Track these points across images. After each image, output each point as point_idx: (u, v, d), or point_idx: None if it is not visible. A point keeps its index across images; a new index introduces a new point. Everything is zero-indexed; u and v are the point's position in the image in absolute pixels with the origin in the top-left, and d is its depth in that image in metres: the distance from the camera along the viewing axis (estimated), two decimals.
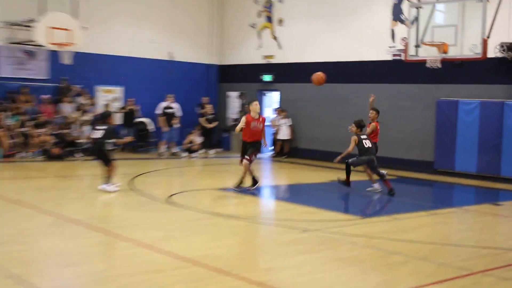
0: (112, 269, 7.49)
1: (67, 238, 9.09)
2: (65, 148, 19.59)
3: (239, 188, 13.65)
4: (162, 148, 22.12)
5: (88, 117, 20.79)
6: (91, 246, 8.66)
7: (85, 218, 10.25)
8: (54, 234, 9.29)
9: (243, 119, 13.72)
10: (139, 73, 23.45)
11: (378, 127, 14.97)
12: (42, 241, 8.96)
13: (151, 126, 22.07)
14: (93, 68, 22.15)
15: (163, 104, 22.51)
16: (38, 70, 21.48)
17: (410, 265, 7.97)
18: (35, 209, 11.03)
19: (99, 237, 9.13)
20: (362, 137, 14.28)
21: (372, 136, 14.69)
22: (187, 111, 22.89)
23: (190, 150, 22.19)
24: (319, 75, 14.75)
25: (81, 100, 21.54)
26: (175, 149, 22.25)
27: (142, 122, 22.20)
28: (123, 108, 22.52)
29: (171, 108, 22.40)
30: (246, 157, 13.59)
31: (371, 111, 15.01)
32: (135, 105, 22.29)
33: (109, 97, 22.91)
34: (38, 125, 19.61)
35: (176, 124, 22.34)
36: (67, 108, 20.93)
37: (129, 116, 22.22)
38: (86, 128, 20.32)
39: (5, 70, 20.72)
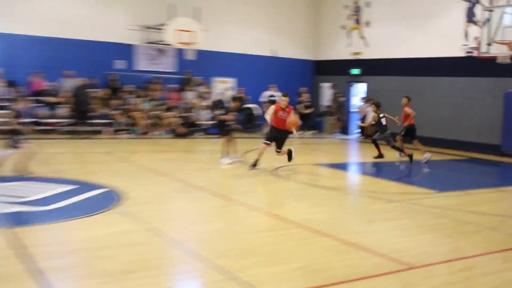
0: (230, 227, 7.73)
1: (193, 201, 9.41)
2: (188, 128, 20.16)
3: (254, 167, 12.41)
4: (266, 129, 22.32)
5: (206, 103, 21.27)
6: (213, 208, 8.94)
7: (207, 185, 10.55)
8: (183, 197, 9.63)
9: (272, 107, 12.80)
10: (248, 67, 23.69)
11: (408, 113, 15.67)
12: (174, 202, 9.29)
13: (257, 111, 22.29)
14: (211, 63, 22.54)
15: (267, 93, 22.75)
16: (167, 65, 22.08)
17: (481, 234, 7.85)
18: (167, 176, 11.40)
19: (219, 201, 9.39)
20: (380, 115, 15.15)
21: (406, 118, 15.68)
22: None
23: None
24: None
25: (201, 89, 22.01)
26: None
27: (249, 108, 22.47)
28: (235, 96, 22.84)
29: (273, 96, 22.57)
30: (278, 150, 12.63)
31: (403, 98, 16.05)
32: (245, 94, 22.59)
33: (224, 86, 23.31)
34: (167, 109, 20.25)
35: None
36: (189, 96, 21.45)
37: (239, 102, 22.53)
38: (205, 112, 20.83)
39: (141, 65, 21.44)
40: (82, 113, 18.51)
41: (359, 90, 24.29)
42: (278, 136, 12.56)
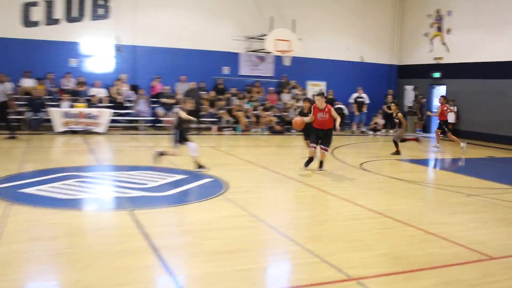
0: (320, 215, 7.63)
1: (287, 190, 9.39)
2: (284, 126, 20.15)
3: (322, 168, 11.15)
4: (354, 127, 22.00)
5: (300, 103, 21.17)
6: (305, 197, 8.86)
7: (299, 177, 10.48)
8: (278, 187, 9.58)
9: (312, 110, 11.15)
10: (337, 71, 23.35)
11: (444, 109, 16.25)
12: (271, 192, 9.24)
13: (346, 111, 21.94)
14: (305, 68, 22.41)
15: (355, 95, 22.33)
16: (266, 70, 22.20)
17: None
18: (264, 168, 11.42)
19: (310, 191, 9.24)
20: (399, 114, 14.70)
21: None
22: (373, 100, 22.45)
23: (375, 129, 21.86)
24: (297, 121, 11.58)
25: (296, 91, 21.98)
26: (363, 128, 22.05)
27: (339, 108, 22.14)
28: (325, 97, 22.59)
29: (361, 97, 22.18)
30: (323, 146, 11.03)
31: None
32: (334, 95, 22.32)
33: (316, 89, 23.11)
34: (265, 109, 20.34)
35: (365, 109, 22.11)
36: (285, 97, 21.46)
37: (330, 102, 22.25)
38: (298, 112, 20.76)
39: (244, 70, 21.70)
40: (194, 112, 18.93)
41: (439, 92, 23.36)
42: (321, 136, 11.04)
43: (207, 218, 6.97)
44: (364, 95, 22.23)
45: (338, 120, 10.92)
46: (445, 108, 16.54)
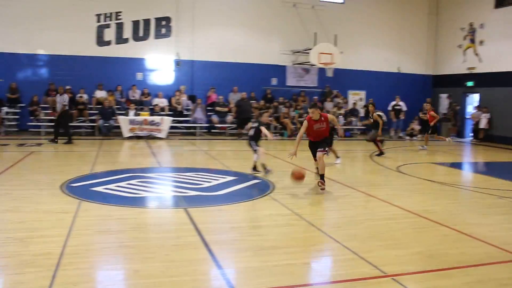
0: (358, 215, 7.42)
1: (329, 191, 9.17)
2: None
3: (323, 185, 8.77)
4: (392, 133, 21.48)
5: (342, 111, 20.88)
6: (344, 198, 8.61)
7: (340, 179, 10.20)
8: (318, 188, 9.39)
9: (304, 123, 8.94)
10: (376, 81, 22.91)
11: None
12: (313, 192, 8.89)
13: (384, 118, 21.48)
14: (346, 78, 22.13)
15: (393, 103, 21.81)
16: (311, 81, 22.03)
17: None
18: (308, 171, 11.17)
19: (350, 192, 9.02)
20: (374, 115, 14.25)
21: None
22: (410, 107, 21.86)
23: (411, 135, 21.28)
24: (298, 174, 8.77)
25: (338, 100, 21.69)
26: (400, 134, 21.52)
27: (378, 115, 21.69)
28: (365, 105, 22.20)
29: (398, 105, 21.65)
30: (320, 149, 8.86)
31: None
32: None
33: (356, 98, 22.79)
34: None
35: (402, 116, 21.57)
36: (329, 105, 21.19)
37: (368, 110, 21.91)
38: (341, 118, 20.45)
39: (291, 81, 21.63)
40: (245, 119, 18.98)
41: (473, 100, 22.56)
42: (318, 146, 8.93)
43: (254, 216, 6.93)
44: (401, 103, 21.69)
45: (339, 127, 10.23)
46: (431, 112, 16.42)
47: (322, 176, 8.79)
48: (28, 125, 17.72)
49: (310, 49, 19.82)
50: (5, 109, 17.52)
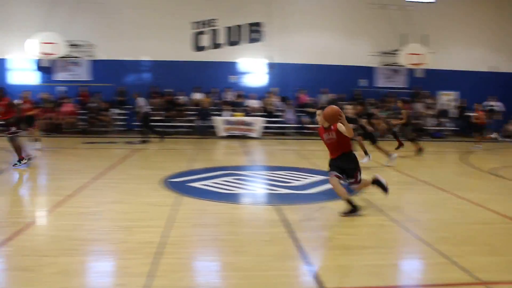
0: (450, 218, 7.01)
1: (420, 193, 8.72)
2: (417, 133, 19.06)
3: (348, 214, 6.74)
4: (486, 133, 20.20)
5: (432, 112, 19.96)
6: (436, 200, 8.16)
7: (431, 180, 9.66)
8: (411, 189, 9.04)
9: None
10: (470, 81, 21.56)
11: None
12: (403, 193, 8.69)
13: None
14: (437, 79, 21.08)
15: (485, 103, 20.47)
16: (400, 81, 21.35)
17: None
18: (397, 171, 10.75)
19: (441, 194, 8.55)
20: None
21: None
22: (508, 108, 20.37)
23: (509, 136, 19.86)
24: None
25: (428, 100, 20.76)
26: (492, 135, 20.10)
27: (469, 116, 20.52)
28: (457, 106, 21.11)
29: (492, 106, 20.30)
30: (351, 180, 6.76)
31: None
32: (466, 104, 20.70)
33: (447, 98, 21.67)
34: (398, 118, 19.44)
35: (498, 117, 20.17)
36: (418, 106, 20.36)
37: (462, 110, 20.77)
38: (431, 119, 19.57)
39: (379, 82, 21.13)
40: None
41: None
42: (340, 166, 6.70)
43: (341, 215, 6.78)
44: (497, 103, 20.29)
45: (348, 129, 6.39)
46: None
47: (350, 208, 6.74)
48: (134, 125, 18.82)
49: (399, 50, 19.16)
50: (115, 110, 18.75)
